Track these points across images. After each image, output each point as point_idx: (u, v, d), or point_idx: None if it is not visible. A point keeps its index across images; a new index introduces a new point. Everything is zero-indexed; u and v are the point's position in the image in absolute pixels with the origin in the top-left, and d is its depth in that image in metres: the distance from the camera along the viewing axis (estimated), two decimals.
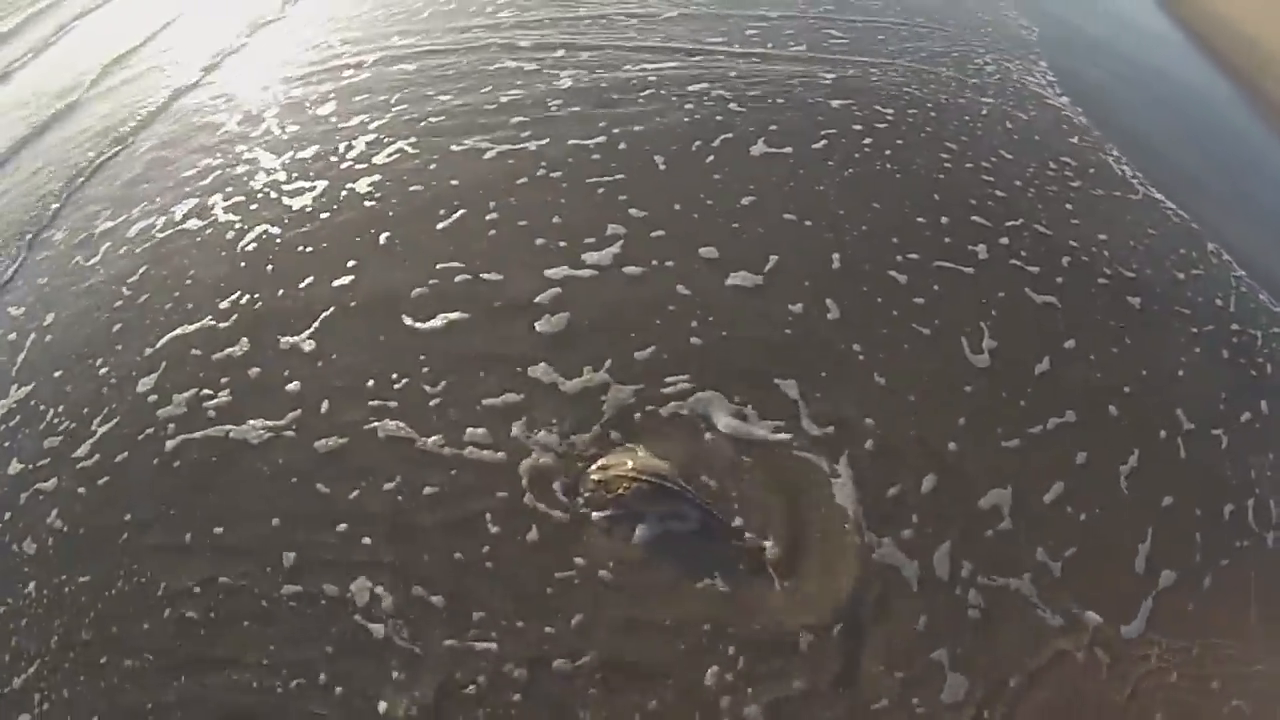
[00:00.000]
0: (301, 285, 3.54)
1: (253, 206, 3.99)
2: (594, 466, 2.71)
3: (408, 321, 3.35)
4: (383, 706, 2.35)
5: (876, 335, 3.34)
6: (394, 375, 3.13)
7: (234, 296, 3.58)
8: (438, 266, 3.53)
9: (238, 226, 3.86)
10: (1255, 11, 7.85)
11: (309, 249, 3.67)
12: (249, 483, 2.87)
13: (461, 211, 3.70)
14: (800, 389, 3.11)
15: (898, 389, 3.18)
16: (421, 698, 2.38)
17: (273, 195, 4.00)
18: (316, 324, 3.38)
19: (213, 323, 3.51)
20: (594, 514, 2.64)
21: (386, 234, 3.67)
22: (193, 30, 6.30)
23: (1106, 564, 2.89)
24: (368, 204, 3.80)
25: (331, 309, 3.40)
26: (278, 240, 3.74)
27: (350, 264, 3.55)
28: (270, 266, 3.67)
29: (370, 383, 3.11)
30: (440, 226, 3.68)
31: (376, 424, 2.97)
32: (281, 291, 3.54)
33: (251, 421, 3.04)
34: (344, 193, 3.88)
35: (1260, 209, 5.38)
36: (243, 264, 3.70)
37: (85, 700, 2.49)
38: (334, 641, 2.49)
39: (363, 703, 2.38)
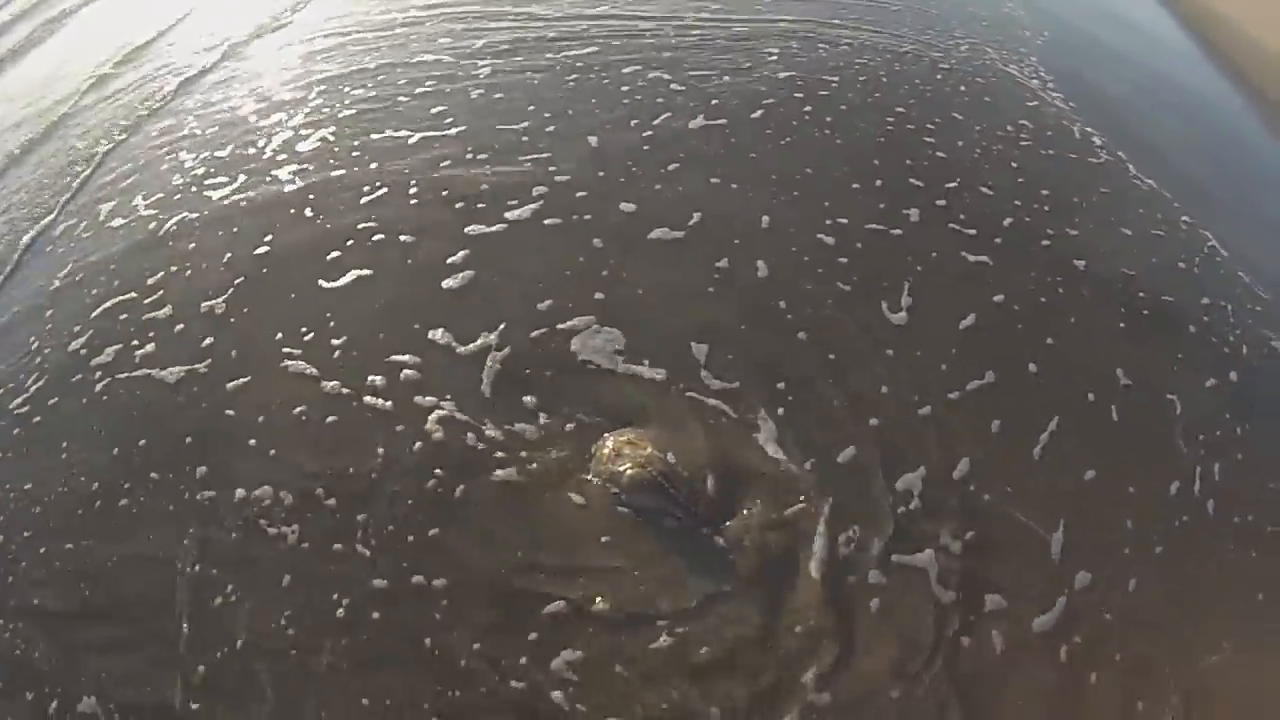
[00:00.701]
0: (223, 259, 3.56)
1: (175, 198, 4.02)
2: (611, 442, 2.74)
3: (321, 282, 3.35)
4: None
5: (800, 291, 3.33)
6: (302, 328, 3.20)
7: (159, 274, 3.61)
8: (357, 228, 3.54)
9: (159, 218, 3.90)
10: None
11: (231, 229, 3.70)
12: (167, 411, 3.05)
13: (383, 189, 3.73)
14: (712, 341, 3.11)
15: (818, 345, 3.21)
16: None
17: (193, 189, 4.04)
18: (232, 290, 3.41)
19: (137, 296, 3.54)
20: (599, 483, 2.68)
21: (308, 210, 3.70)
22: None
23: (1018, 547, 2.84)
24: (289, 188, 3.84)
25: (246, 276, 3.43)
26: (197, 224, 3.76)
27: (268, 237, 3.58)
28: (192, 245, 3.70)
29: (279, 334, 3.21)
30: (363, 201, 3.70)
31: (282, 365, 3.09)
32: (204, 265, 3.58)
33: (172, 368, 3.14)
34: (265, 179, 3.92)
35: (1236, 181, 5.34)
36: (168, 245, 3.73)
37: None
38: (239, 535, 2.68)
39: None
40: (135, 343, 3.33)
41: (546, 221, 3.55)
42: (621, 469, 2.65)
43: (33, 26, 6.64)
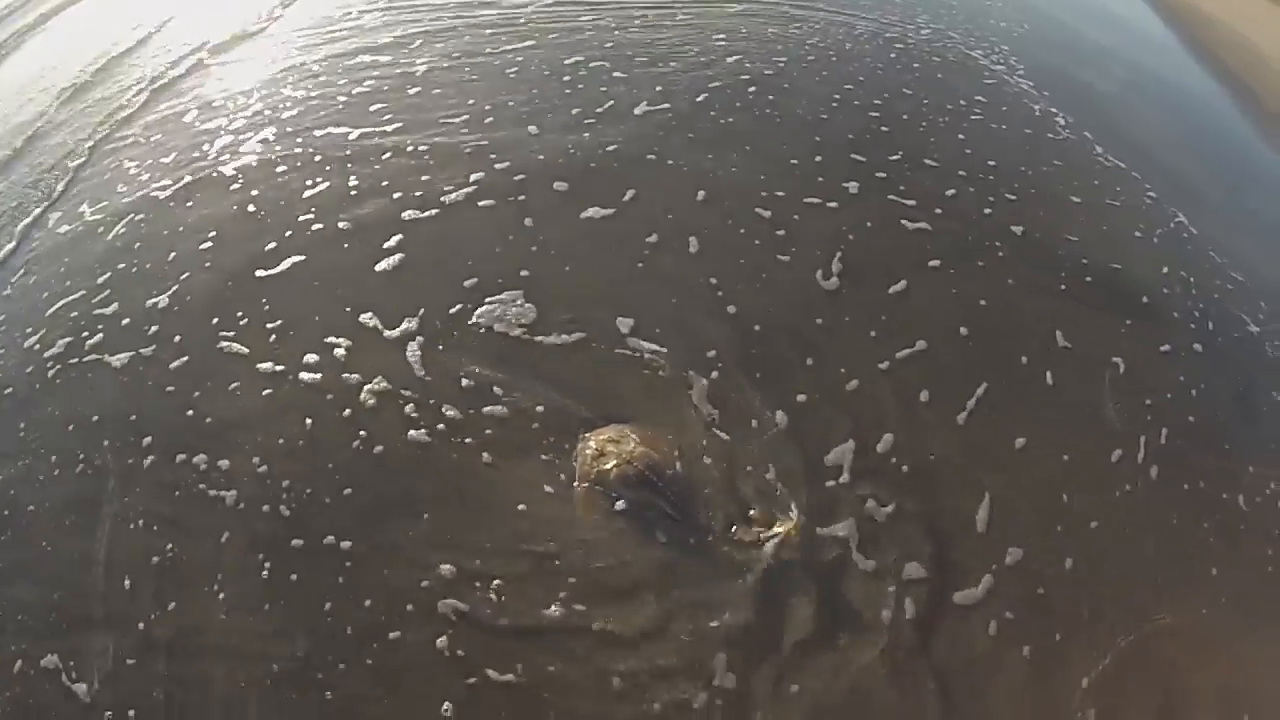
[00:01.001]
0: (168, 256, 3.66)
1: (122, 203, 4.12)
2: (595, 440, 2.76)
3: (258, 272, 3.43)
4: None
5: (731, 266, 3.37)
6: (238, 313, 3.30)
7: (107, 274, 3.70)
8: (297, 220, 3.62)
9: (107, 222, 4.00)
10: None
11: (177, 228, 3.80)
12: (113, 390, 3.18)
13: (325, 184, 3.82)
14: (636, 315, 3.17)
15: (746, 317, 3.26)
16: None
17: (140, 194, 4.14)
18: (176, 285, 3.50)
19: (88, 294, 3.63)
20: (577, 484, 2.69)
21: (250, 206, 3.79)
22: None
23: (943, 519, 2.86)
24: (233, 186, 3.93)
25: (189, 270, 3.52)
26: (143, 226, 3.87)
27: (211, 233, 3.68)
28: (138, 245, 3.80)
29: (215, 319, 3.30)
30: (304, 195, 3.79)
31: (218, 346, 3.21)
32: (149, 264, 3.67)
33: (120, 354, 3.28)
34: (210, 181, 4.02)
35: (1222, 177, 5.35)
36: (116, 247, 3.83)
37: None
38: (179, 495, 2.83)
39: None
40: (85, 334, 3.39)
41: (480, 204, 3.61)
42: (608, 467, 2.67)
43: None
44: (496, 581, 2.56)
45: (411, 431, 2.90)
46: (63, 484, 2.95)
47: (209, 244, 3.71)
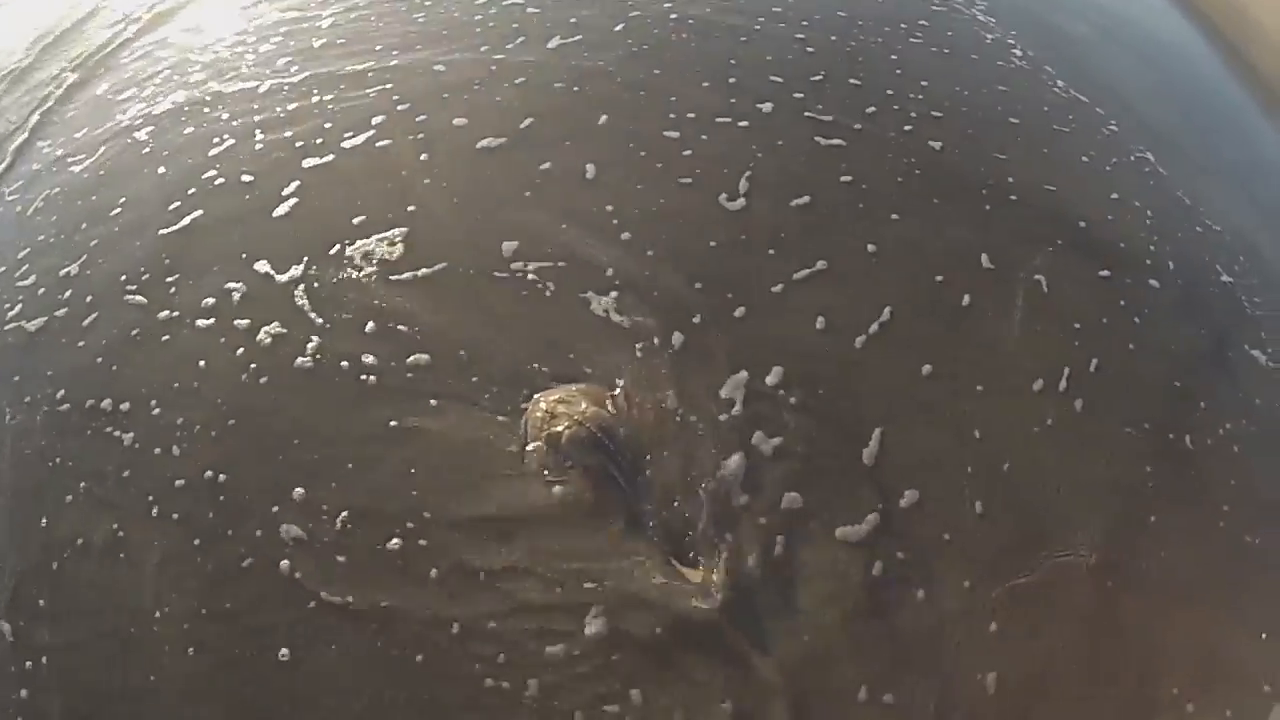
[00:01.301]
0: (80, 227, 3.69)
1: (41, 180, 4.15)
2: (545, 400, 2.73)
3: (160, 231, 3.45)
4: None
5: (629, 190, 3.31)
6: (141, 269, 3.37)
7: (26, 249, 3.75)
8: (200, 176, 3.63)
9: (25, 200, 4.04)
10: None
11: (90, 198, 3.85)
12: (30, 351, 3.31)
13: (230, 140, 3.81)
14: (521, 240, 3.16)
15: (640, 241, 3.22)
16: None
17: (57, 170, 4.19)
18: (85, 253, 3.55)
19: (9, 270, 3.68)
20: (527, 445, 2.66)
21: (160, 168, 3.80)
22: None
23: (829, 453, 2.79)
24: (144, 151, 3.94)
25: (98, 238, 3.57)
26: (60, 199, 3.92)
27: (121, 200, 3.70)
28: (54, 218, 3.83)
29: (122, 276, 3.38)
30: (210, 153, 3.79)
31: (124, 299, 3.30)
32: (63, 236, 3.71)
33: (36, 319, 3.39)
34: (121, 148, 4.04)
35: (1203, 133, 4.98)
36: (35, 223, 3.87)
37: None
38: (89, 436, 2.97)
39: None
40: (6, 306, 3.45)
41: (378, 144, 3.57)
42: (560, 429, 2.64)
43: None
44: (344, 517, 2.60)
45: (299, 365, 2.97)
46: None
47: (118, 210, 3.74)
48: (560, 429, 2.62)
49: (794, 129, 3.65)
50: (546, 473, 2.59)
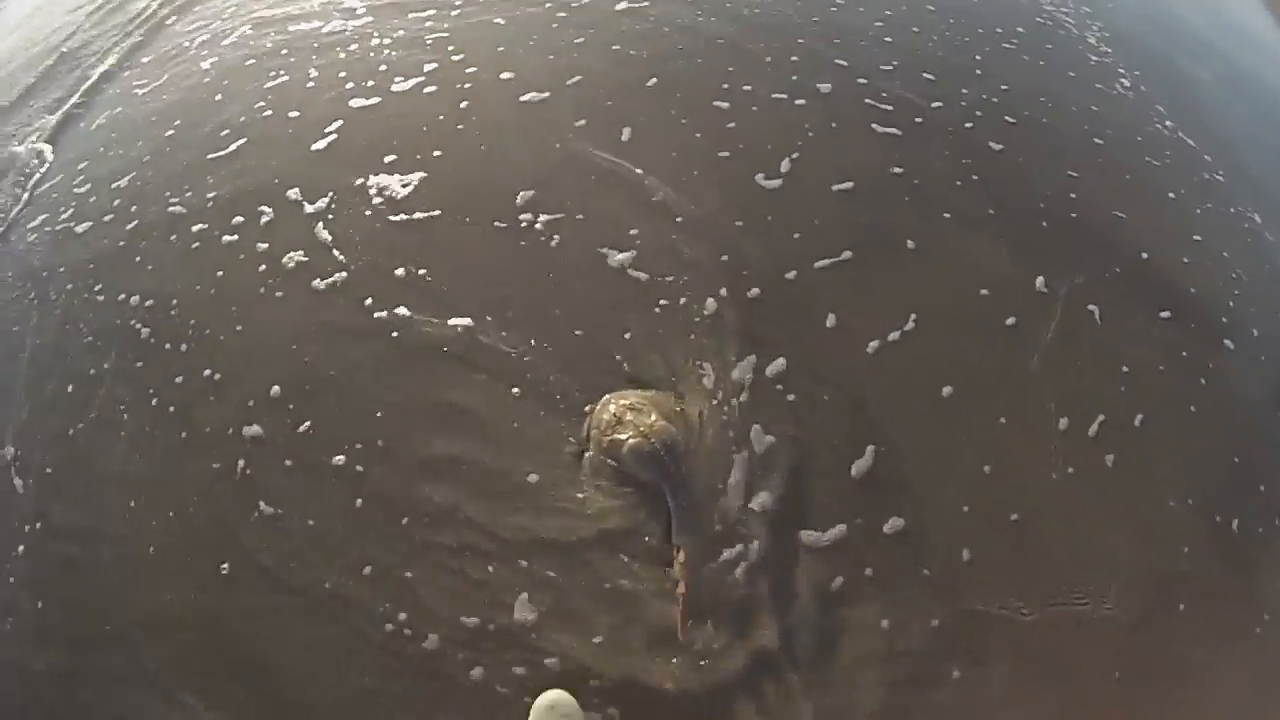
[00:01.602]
0: (135, 144, 3.86)
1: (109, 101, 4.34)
2: (613, 406, 2.59)
3: (208, 155, 3.56)
4: None
5: (662, 157, 3.24)
6: (184, 186, 3.56)
7: (85, 162, 3.95)
8: (252, 107, 3.72)
9: (89, 116, 4.25)
10: None
11: (150, 120, 4.05)
12: (77, 248, 3.53)
13: (284, 76, 3.91)
14: (535, 188, 3.16)
15: (669, 208, 3.15)
16: None
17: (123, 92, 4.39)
18: (137, 169, 3.72)
19: (67, 178, 3.89)
20: (584, 452, 2.58)
21: (217, 97, 3.92)
22: None
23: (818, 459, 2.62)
24: (205, 79, 4.08)
25: (150, 155, 3.73)
26: (124, 122, 4.13)
27: (176, 122, 3.84)
28: (114, 135, 4.04)
29: (166, 192, 3.55)
30: (265, 85, 3.90)
31: (165, 209, 3.47)
32: (120, 151, 3.91)
33: (84, 223, 3.63)
34: (185, 77, 4.22)
35: None
36: (97, 138, 4.06)
37: None
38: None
39: None
40: (60, 208, 3.68)
41: (425, 91, 3.58)
42: (623, 438, 2.48)
43: None
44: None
45: (313, 286, 3.06)
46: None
47: (172, 131, 3.91)
48: (624, 438, 2.49)
49: (851, 113, 3.49)
50: (600, 483, 2.52)
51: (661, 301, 2.87)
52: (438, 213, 3.14)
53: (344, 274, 3.02)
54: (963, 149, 3.42)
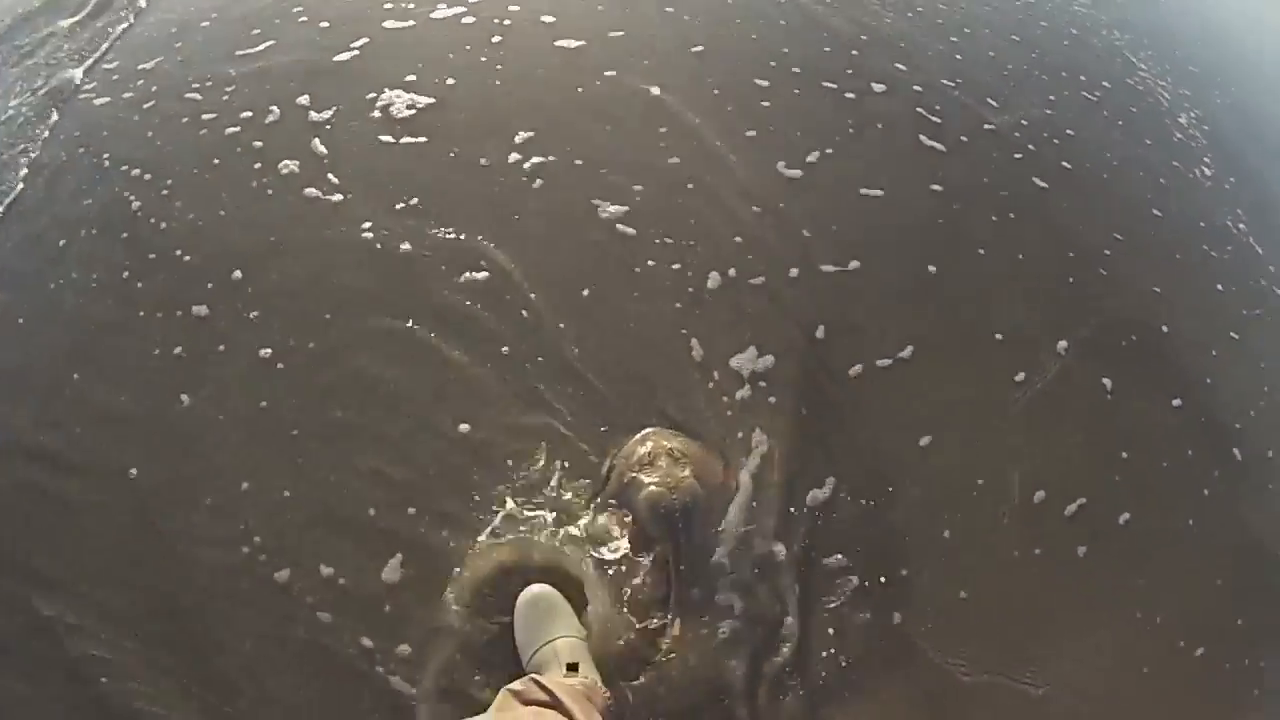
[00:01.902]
0: (170, 31, 3.85)
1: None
2: (651, 444, 2.35)
3: (237, 52, 3.55)
4: None
5: (684, 123, 3.09)
6: (207, 77, 3.49)
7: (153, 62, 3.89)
8: (290, 12, 3.67)
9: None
10: None
11: (188, 9, 3.99)
12: (99, 116, 3.46)
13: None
14: (536, 128, 3.06)
15: (673, 179, 3.00)
16: None
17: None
18: (164, 55, 3.70)
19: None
20: (599, 497, 2.35)
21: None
22: None
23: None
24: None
25: (183, 42, 3.72)
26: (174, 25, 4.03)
27: (213, 15, 3.87)
28: (152, 18, 4.01)
29: (189, 77, 3.52)
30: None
31: (184, 94, 3.42)
32: (151, 37, 3.85)
33: (104, 98, 3.53)
34: None
35: None
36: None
37: None
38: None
39: None
40: (86, 83, 3.68)
41: (463, 21, 3.50)
42: (647, 480, 2.25)
43: None
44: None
45: (305, 194, 2.97)
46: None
47: (206, 23, 3.86)
48: (647, 480, 2.26)
49: (900, 119, 3.29)
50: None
51: (648, 262, 2.72)
52: (431, 140, 3.04)
53: (335, 185, 2.94)
54: (1003, 179, 3.22)
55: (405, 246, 2.76)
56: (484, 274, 2.66)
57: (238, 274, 2.71)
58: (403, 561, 2.19)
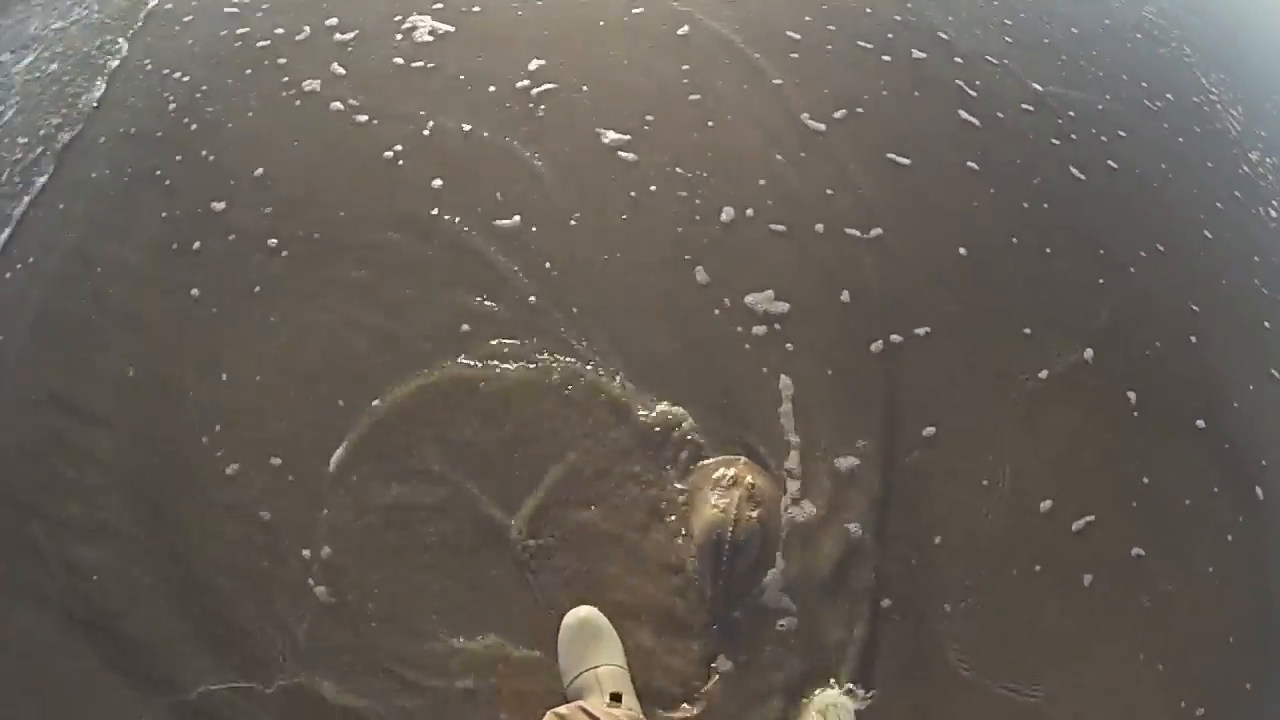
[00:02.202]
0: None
1: None
2: (734, 470, 2.20)
3: None
4: None
5: (706, 62, 3.07)
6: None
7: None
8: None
9: None
10: None
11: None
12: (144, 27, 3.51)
13: None
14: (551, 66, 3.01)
15: (695, 113, 2.93)
16: None
17: None
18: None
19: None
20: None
21: None
22: None
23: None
24: None
25: None
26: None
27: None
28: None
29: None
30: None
31: (224, 9, 3.47)
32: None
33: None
34: None
35: None
36: None
37: None
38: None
39: None
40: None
41: None
42: (715, 503, 2.13)
43: None
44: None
45: (332, 107, 2.98)
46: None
47: None
48: (717, 503, 2.15)
49: (937, 87, 3.19)
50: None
51: (651, 187, 2.68)
52: (442, 65, 3.04)
53: (357, 100, 2.95)
54: (1038, 162, 3.07)
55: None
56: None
57: (259, 171, 2.77)
58: None
